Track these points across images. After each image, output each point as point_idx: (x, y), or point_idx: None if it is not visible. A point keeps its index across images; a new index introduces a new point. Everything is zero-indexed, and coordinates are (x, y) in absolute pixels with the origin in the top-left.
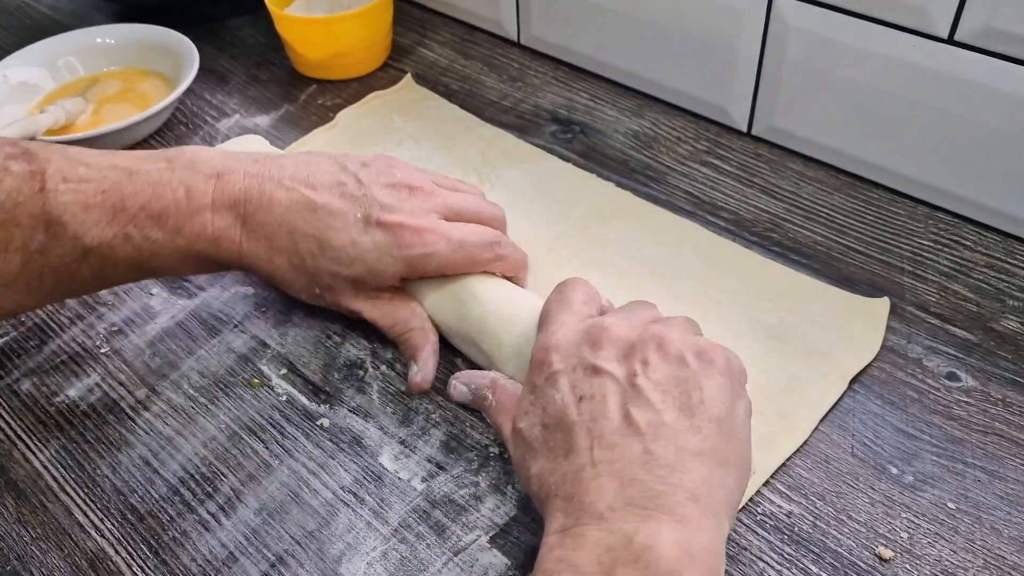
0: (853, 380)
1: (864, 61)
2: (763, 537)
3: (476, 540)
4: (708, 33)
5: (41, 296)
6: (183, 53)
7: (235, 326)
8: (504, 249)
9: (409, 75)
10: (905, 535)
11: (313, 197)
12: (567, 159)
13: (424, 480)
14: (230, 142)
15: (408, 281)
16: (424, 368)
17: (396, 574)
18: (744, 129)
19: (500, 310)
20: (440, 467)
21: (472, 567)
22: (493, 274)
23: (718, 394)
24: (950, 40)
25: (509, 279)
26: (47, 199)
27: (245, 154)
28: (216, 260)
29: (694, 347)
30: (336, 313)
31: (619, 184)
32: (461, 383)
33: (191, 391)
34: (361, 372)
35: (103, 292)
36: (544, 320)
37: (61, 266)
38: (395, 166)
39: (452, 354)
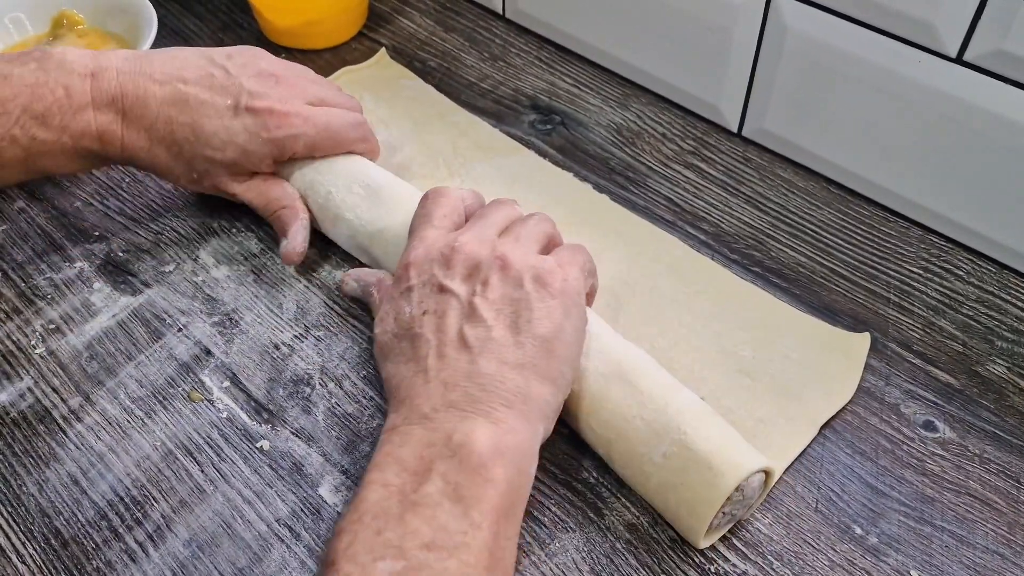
0: (825, 424)
1: (864, 71)
2: None
3: None
4: (703, 24)
5: None
6: (140, 13)
7: (179, 329)
8: (367, 130)
9: (384, 50)
10: None
11: (185, 89)
12: (544, 153)
13: None
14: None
15: (280, 165)
16: (293, 240)
17: None
18: (734, 129)
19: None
20: None
21: None
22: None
23: (546, 315)
24: (958, 60)
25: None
26: None
27: (113, 52)
28: (101, 155)
29: (533, 270)
30: (286, 321)
31: (596, 186)
32: (352, 279)
33: (128, 402)
34: (308, 389)
35: (42, 283)
36: (409, 235)
37: None
38: (260, 57)
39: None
